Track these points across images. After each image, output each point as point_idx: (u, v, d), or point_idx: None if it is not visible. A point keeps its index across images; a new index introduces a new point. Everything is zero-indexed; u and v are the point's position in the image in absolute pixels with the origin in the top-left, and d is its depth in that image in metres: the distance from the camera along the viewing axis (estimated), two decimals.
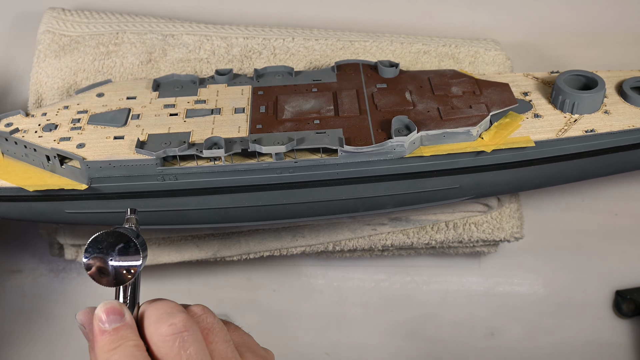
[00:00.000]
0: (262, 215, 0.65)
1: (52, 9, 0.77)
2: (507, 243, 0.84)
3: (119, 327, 0.43)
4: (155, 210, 0.63)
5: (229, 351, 0.45)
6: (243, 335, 0.49)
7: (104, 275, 0.45)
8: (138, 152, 0.59)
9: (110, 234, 0.45)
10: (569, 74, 0.66)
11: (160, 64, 0.75)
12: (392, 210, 0.67)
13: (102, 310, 0.44)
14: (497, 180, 0.65)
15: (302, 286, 0.91)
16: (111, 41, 0.75)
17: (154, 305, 0.45)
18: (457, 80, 0.66)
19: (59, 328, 0.89)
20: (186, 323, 0.43)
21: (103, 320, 0.44)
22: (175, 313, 0.44)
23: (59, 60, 0.74)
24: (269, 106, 0.64)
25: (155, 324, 0.44)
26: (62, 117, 0.64)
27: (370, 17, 0.83)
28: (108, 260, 0.45)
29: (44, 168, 0.62)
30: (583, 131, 0.63)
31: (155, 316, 0.44)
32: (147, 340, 0.44)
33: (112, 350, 0.42)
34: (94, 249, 0.45)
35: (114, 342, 0.43)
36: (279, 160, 0.59)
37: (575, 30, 0.83)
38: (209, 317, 0.46)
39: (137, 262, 0.45)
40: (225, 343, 0.45)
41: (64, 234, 0.78)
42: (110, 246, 0.45)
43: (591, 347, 0.89)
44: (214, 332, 0.46)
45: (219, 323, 0.47)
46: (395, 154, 0.60)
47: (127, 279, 0.45)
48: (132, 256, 0.45)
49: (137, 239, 0.45)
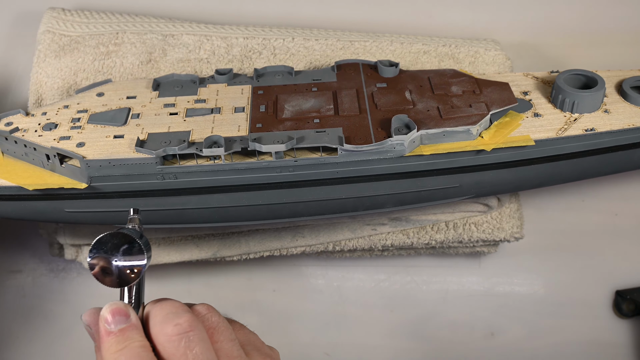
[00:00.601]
0: (262, 214, 0.65)
1: (52, 9, 0.77)
2: (507, 243, 0.84)
3: (124, 328, 0.44)
4: (155, 209, 0.63)
5: (234, 350, 0.45)
6: (248, 334, 0.49)
7: (108, 276, 0.45)
8: (138, 151, 0.59)
9: (114, 235, 0.45)
10: (568, 73, 0.66)
11: (160, 64, 0.75)
12: (392, 209, 0.67)
13: (107, 311, 0.44)
14: (497, 180, 0.65)
15: (302, 286, 0.91)
16: (111, 41, 0.75)
17: (159, 306, 0.45)
18: (456, 79, 0.66)
19: (59, 328, 0.89)
20: (192, 323, 0.43)
21: (109, 321, 0.44)
22: (181, 313, 0.44)
23: (59, 60, 0.74)
24: (269, 105, 0.64)
25: (160, 324, 0.44)
26: (62, 116, 0.64)
27: (370, 17, 0.83)
28: (112, 261, 0.45)
29: (43, 167, 0.62)
30: (583, 130, 0.63)
31: (160, 316, 0.44)
32: (152, 340, 0.44)
33: (119, 351, 0.42)
34: (98, 250, 0.45)
35: (120, 343, 0.43)
36: (279, 159, 0.59)
37: (575, 30, 0.83)
38: (214, 316, 0.47)
39: (142, 262, 0.45)
40: (230, 342, 0.46)
41: (64, 234, 0.78)
42: (115, 247, 0.45)
43: (591, 347, 0.89)
44: (219, 331, 0.46)
45: (224, 322, 0.47)
46: (395, 152, 0.60)
47: (131, 279, 0.45)
48: (136, 256, 0.45)
49: (140, 239, 0.45)
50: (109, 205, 0.63)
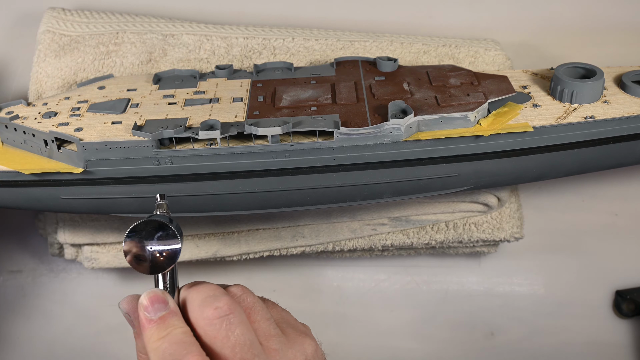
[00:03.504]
0: (259, 203, 0.65)
1: (52, 9, 0.77)
2: (507, 243, 0.84)
3: (164, 315, 0.44)
4: (150, 196, 0.63)
5: (271, 329, 0.45)
6: (281, 312, 0.49)
7: (143, 263, 0.45)
8: (134, 134, 0.59)
9: (147, 223, 0.45)
10: (567, 66, 0.66)
11: (160, 64, 0.75)
12: (391, 199, 0.66)
13: (146, 299, 0.44)
14: (496, 169, 0.65)
15: (302, 286, 0.91)
16: (111, 41, 0.75)
17: (196, 290, 0.45)
18: (455, 72, 0.67)
19: (59, 328, 0.89)
20: (230, 305, 0.43)
21: (148, 309, 0.44)
22: (219, 296, 0.44)
23: (59, 60, 0.74)
24: (267, 96, 0.65)
25: (199, 308, 0.44)
26: (62, 106, 0.65)
27: (370, 17, 0.83)
28: (147, 248, 0.45)
29: (41, 154, 0.62)
30: (582, 118, 0.62)
31: (198, 300, 0.44)
32: (192, 324, 0.44)
33: (161, 339, 0.42)
34: (132, 238, 0.45)
35: (162, 330, 0.43)
36: (275, 142, 0.59)
37: (575, 30, 0.83)
38: (249, 297, 0.47)
39: (176, 246, 0.45)
40: (267, 321, 0.46)
41: (64, 233, 0.78)
42: (149, 234, 0.45)
43: (591, 347, 0.89)
44: (255, 311, 0.46)
45: (259, 302, 0.47)
46: (391, 137, 0.59)
47: (167, 265, 0.45)
48: (170, 241, 0.45)
49: (172, 224, 0.45)
50: (105, 192, 0.63)
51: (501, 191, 0.78)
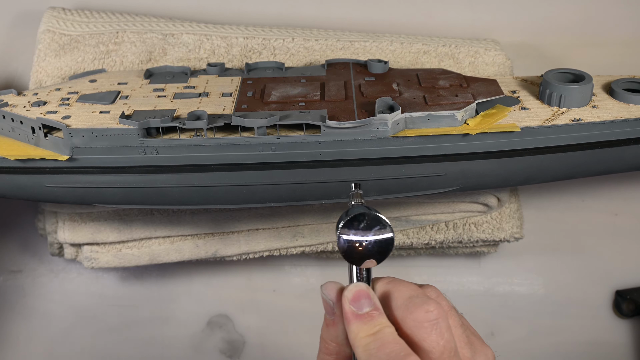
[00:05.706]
0: (244, 196, 0.65)
1: (53, 9, 0.77)
2: (507, 243, 0.84)
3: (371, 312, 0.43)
4: (135, 186, 0.63)
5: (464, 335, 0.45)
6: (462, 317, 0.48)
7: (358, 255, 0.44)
8: (121, 122, 0.59)
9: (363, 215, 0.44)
10: (556, 71, 0.66)
11: (160, 63, 0.75)
12: (376, 197, 0.66)
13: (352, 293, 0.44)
14: (483, 170, 0.64)
15: (302, 286, 0.91)
16: (111, 40, 0.75)
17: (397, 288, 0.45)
18: (445, 75, 0.67)
19: (59, 328, 0.89)
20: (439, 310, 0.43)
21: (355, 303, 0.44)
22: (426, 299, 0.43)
23: (59, 60, 0.74)
24: (257, 92, 0.65)
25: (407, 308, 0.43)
26: (52, 96, 0.65)
27: (370, 17, 0.83)
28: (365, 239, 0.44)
29: (28, 142, 0.62)
30: (570, 120, 0.62)
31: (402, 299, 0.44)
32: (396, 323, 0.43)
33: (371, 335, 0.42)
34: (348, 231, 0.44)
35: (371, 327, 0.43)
36: (262, 135, 0.59)
37: (575, 31, 0.83)
38: (443, 301, 0.46)
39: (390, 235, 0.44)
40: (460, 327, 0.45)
41: (64, 233, 0.78)
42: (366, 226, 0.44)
43: (591, 347, 0.89)
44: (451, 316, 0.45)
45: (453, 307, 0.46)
46: (378, 133, 0.59)
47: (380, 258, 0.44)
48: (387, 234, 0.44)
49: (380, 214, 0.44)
50: (90, 181, 0.63)
51: (501, 191, 0.78)
